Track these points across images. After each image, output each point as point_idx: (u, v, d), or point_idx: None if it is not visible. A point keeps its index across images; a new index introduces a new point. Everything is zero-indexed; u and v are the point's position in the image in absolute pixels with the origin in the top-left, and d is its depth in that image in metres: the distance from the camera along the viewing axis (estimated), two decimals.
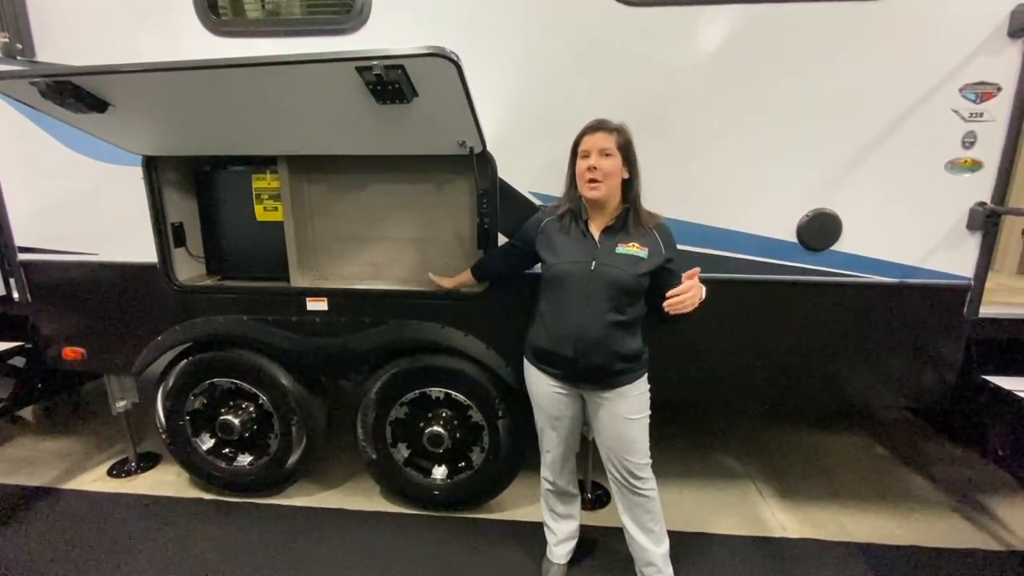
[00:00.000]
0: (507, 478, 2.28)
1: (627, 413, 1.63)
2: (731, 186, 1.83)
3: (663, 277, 1.56)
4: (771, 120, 1.77)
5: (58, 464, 2.67)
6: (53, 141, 2.04)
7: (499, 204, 1.92)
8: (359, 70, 1.33)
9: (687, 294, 1.42)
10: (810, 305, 1.92)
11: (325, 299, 2.11)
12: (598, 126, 1.53)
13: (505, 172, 1.90)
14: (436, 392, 2.17)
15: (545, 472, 1.85)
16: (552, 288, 1.62)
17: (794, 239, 1.85)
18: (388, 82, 1.35)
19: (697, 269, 1.43)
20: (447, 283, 1.98)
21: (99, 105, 1.54)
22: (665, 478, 2.45)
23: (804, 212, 1.82)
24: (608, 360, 1.56)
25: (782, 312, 1.94)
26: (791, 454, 2.80)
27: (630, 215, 1.57)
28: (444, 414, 2.19)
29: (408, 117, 1.58)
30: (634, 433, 1.65)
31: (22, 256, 2.19)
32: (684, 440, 2.92)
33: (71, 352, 2.32)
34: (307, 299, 2.11)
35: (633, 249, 1.53)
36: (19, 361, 2.35)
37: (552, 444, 1.78)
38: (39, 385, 2.49)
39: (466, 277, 1.95)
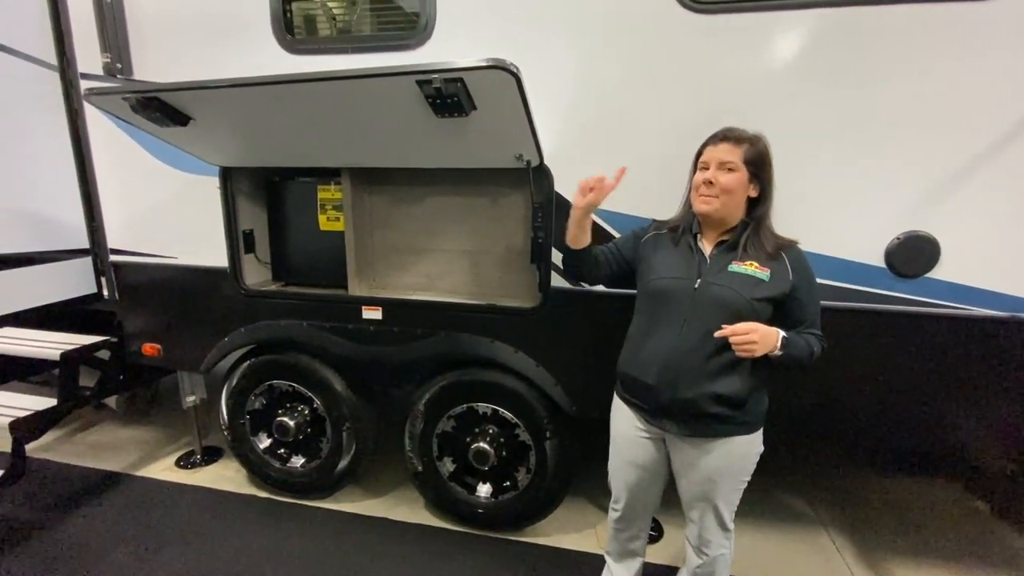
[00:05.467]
0: (553, 502, 2.20)
1: (717, 474, 1.38)
2: (809, 204, 1.68)
3: (792, 311, 1.34)
4: (857, 134, 1.61)
5: (134, 451, 2.86)
6: (143, 152, 2.20)
7: (555, 218, 1.87)
8: (419, 83, 1.34)
9: (745, 335, 1.22)
10: (899, 338, 1.72)
11: (380, 308, 2.13)
12: (724, 135, 1.33)
13: (562, 186, 1.85)
14: (484, 408, 2.13)
15: (612, 516, 1.67)
16: (646, 307, 1.43)
17: (882, 264, 1.66)
18: (447, 95, 1.35)
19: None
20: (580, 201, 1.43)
21: (182, 119, 1.65)
22: None
23: (895, 234, 1.63)
24: (699, 397, 1.31)
25: (864, 344, 1.75)
26: (870, 502, 2.52)
27: (748, 230, 1.34)
28: (491, 431, 2.15)
29: (466, 130, 1.57)
30: (720, 498, 1.41)
31: (113, 258, 2.38)
32: None
33: (150, 348, 2.48)
34: (363, 307, 2.15)
35: (751, 268, 1.31)
36: (105, 354, 2.55)
37: (621, 494, 1.59)
38: (121, 377, 2.68)
39: (585, 236, 1.50)
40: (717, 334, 1.25)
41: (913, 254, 1.63)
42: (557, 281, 1.92)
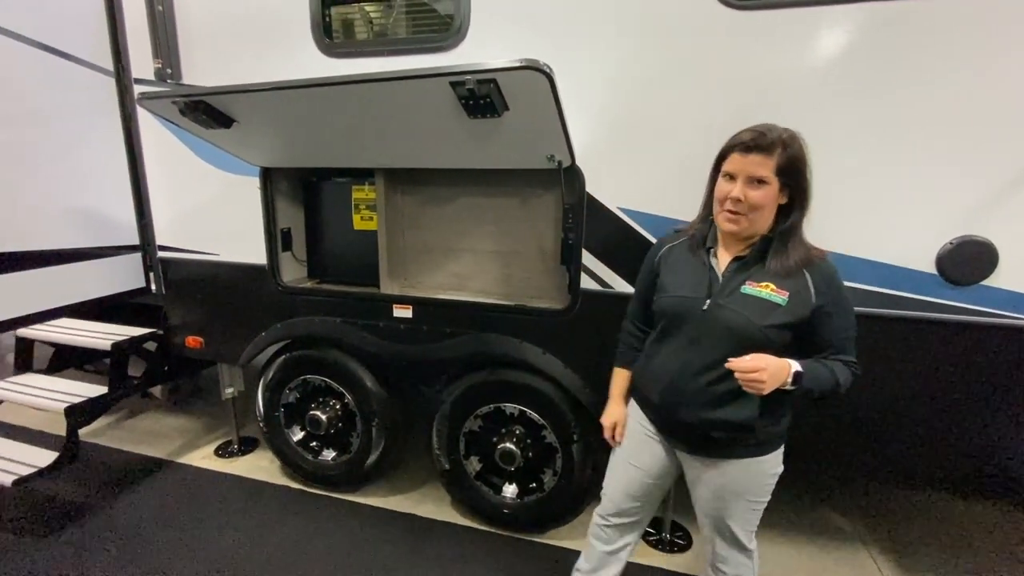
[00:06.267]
0: (579, 506, 2.18)
1: (729, 493, 1.30)
2: (853, 206, 1.61)
3: (814, 336, 1.20)
4: (906, 133, 1.53)
5: (176, 439, 2.99)
6: (191, 154, 2.30)
7: (585, 220, 1.86)
8: (453, 85, 1.35)
9: (751, 373, 1.10)
10: (950, 349, 1.63)
11: (410, 307, 2.16)
12: (754, 144, 1.13)
13: (593, 187, 1.84)
14: (511, 408, 2.13)
15: (594, 519, 1.57)
16: (659, 323, 1.35)
17: (933, 270, 1.58)
18: (480, 96, 1.35)
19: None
20: (618, 409, 1.52)
21: (226, 121, 1.71)
22: None
23: (947, 239, 1.55)
24: (701, 422, 1.25)
25: (912, 355, 1.66)
26: (914, 518, 2.39)
27: (772, 246, 1.20)
28: (518, 431, 2.15)
29: (498, 131, 1.58)
30: (734, 518, 1.33)
31: (161, 254, 2.50)
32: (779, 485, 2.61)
33: (192, 341, 2.59)
34: (394, 306, 2.18)
35: (765, 291, 1.17)
36: (152, 346, 2.68)
37: (611, 490, 1.50)
38: (166, 368, 2.81)
39: (624, 382, 1.52)
40: (726, 366, 1.14)
41: (967, 260, 1.54)
42: (587, 283, 1.90)
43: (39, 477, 2.17)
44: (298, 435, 2.54)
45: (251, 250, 2.32)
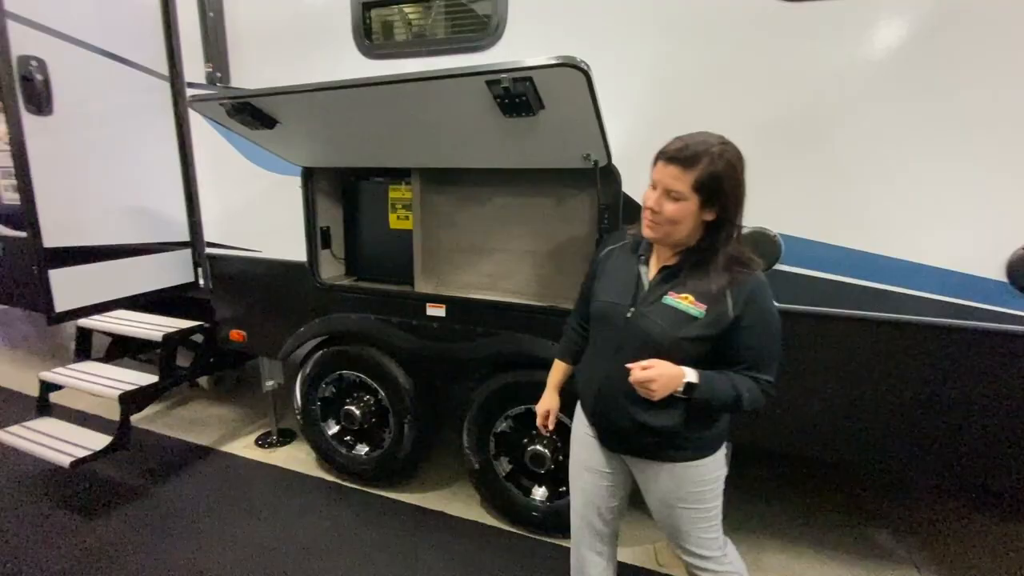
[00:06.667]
0: None
1: (672, 498, 1.30)
2: (913, 209, 1.51)
3: (729, 349, 1.17)
4: (974, 133, 1.42)
5: (219, 428, 3.12)
6: (237, 154, 2.39)
7: (621, 220, 1.81)
8: (489, 83, 1.34)
9: (641, 375, 1.10)
10: (1021, 363, 1.50)
11: (444, 306, 2.17)
12: (675, 155, 1.10)
13: (630, 187, 1.79)
14: None
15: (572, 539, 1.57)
16: (592, 327, 1.37)
17: (1003, 277, 1.46)
18: (515, 95, 1.34)
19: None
20: (552, 398, 1.59)
21: (269, 122, 1.76)
22: (796, 542, 2.11)
23: (1020, 244, 1.43)
24: (629, 428, 1.25)
25: (975, 368, 1.54)
26: (971, 539, 2.23)
27: (697, 257, 1.18)
28: (549, 435, 2.12)
29: (534, 130, 1.56)
30: (684, 525, 1.32)
31: (208, 250, 2.61)
32: (822, 499, 2.49)
33: (236, 334, 2.69)
34: (427, 304, 2.20)
35: (684, 303, 1.16)
36: (199, 338, 2.80)
37: (576, 502, 1.50)
38: (211, 359, 2.93)
39: (561, 375, 1.58)
40: (627, 366, 1.14)
41: None
42: None
43: (94, 459, 2.31)
44: (333, 429, 2.60)
45: (291, 248, 2.39)
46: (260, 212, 2.45)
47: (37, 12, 1.88)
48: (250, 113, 1.68)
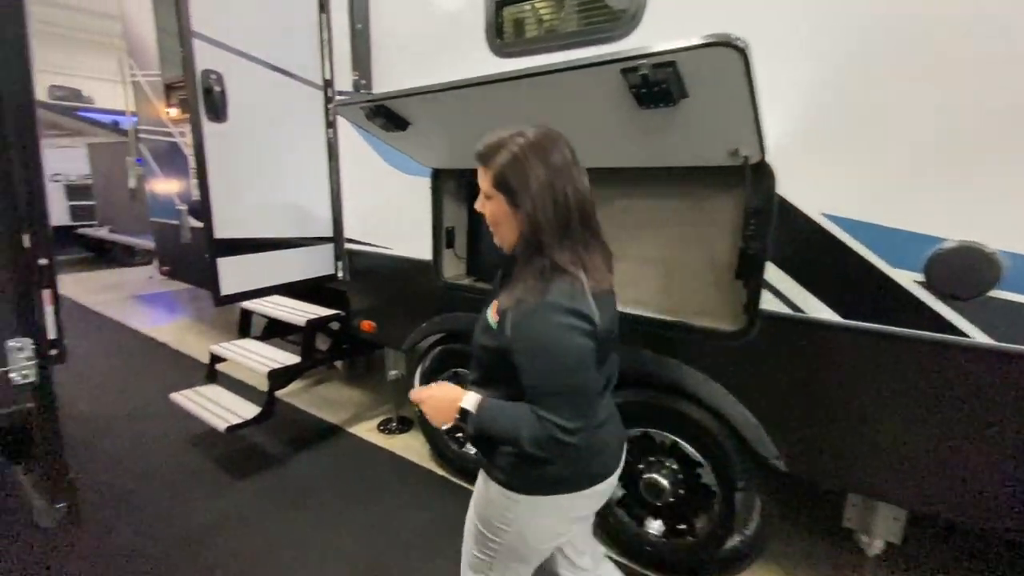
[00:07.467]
0: (738, 563, 1.85)
1: (473, 506, 1.28)
2: None
3: (517, 368, 1.04)
4: None
5: (349, 410, 3.38)
6: (376, 157, 2.54)
7: (774, 227, 1.55)
8: (624, 72, 1.20)
9: (420, 393, 1.15)
10: None
11: None
12: (478, 152, 1.09)
13: (786, 188, 1.52)
14: (662, 437, 1.90)
15: None
16: None
17: None
18: (654, 82, 1.19)
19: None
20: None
21: (402, 123, 1.81)
22: None
23: None
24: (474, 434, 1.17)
25: None
26: None
27: (515, 265, 1.10)
28: (668, 464, 1.91)
29: (672, 123, 1.38)
30: (467, 537, 1.30)
31: (347, 245, 2.82)
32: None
33: (367, 325, 2.88)
34: None
35: (490, 311, 1.14)
36: (335, 326, 3.05)
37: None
38: (345, 346, 3.18)
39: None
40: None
41: None
42: (769, 302, 1.59)
43: (244, 426, 2.61)
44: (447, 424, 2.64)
45: (418, 246, 2.47)
46: (392, 211, 2.57)
47: (216, 30, 2.16)
48: (385, 115, 1.74)
